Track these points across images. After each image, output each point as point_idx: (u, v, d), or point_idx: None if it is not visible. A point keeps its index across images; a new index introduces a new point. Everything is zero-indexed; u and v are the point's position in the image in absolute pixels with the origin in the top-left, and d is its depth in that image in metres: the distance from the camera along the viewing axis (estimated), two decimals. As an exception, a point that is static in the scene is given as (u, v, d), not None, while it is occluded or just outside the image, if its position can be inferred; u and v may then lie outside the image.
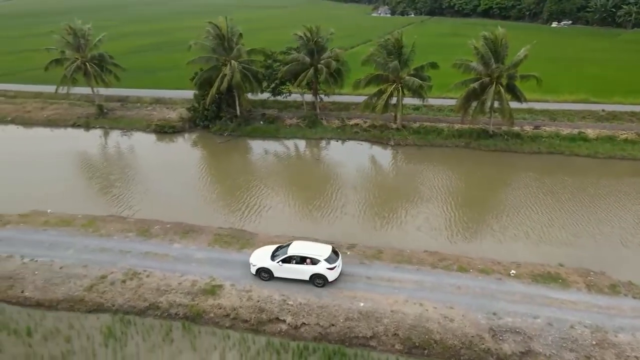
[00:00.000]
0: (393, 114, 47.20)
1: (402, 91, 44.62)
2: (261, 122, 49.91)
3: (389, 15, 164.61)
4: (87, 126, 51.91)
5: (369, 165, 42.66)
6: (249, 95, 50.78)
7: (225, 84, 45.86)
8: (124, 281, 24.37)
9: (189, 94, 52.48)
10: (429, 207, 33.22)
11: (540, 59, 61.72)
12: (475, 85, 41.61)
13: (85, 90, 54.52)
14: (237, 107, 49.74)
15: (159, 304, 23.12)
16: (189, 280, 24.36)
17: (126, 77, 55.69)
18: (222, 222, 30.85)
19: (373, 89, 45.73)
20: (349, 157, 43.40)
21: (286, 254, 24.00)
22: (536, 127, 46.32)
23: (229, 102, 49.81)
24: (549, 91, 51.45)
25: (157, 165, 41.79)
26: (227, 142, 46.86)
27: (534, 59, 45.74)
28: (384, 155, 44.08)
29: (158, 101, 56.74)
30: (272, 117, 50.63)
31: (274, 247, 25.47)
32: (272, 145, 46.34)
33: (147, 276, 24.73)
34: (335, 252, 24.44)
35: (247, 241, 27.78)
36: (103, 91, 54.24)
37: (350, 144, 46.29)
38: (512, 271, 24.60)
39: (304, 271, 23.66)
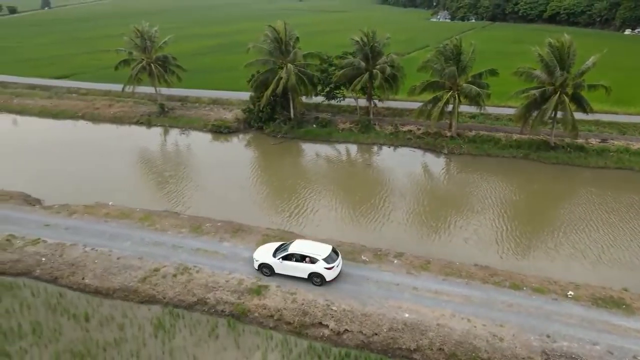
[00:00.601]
0: (448, 121, 46.10)
1: (459, 99, 43.47)
2: (314, 126, 50.26)
3: (448, 21, 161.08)
4: (149, 124, 54.41)
5: (421, 172, 41.85)
6: (304, 99, 51.32)
7: (280, 87, 46.62)
8: (175, 275, 25.25)
9: (245, 95, 53.80)
10: (479, 219, 32.12)
11: (611, 68, 58.15)
12: (537, 93, 39.80)
13: (149, 89, 57.27)
14: (291, 110, 50.39)
15: (207, 299, 23.75)
16: (236, 278, 24.86)
17: (187, 77, 57.91)
18: (271, 222, 31.30)
19: (428, 96, 44.84)
20: (401, 163, 42.78)
21: (287, 251, 24.62)
22: (603, 141, 43.65)
23: (283, 105, 50.57)
24: (619, 103, 48.40)
25: (211, 164, 43.08)
26: (280, 144, 47.55)
27: (603, 68, 43.24)
28: (436, 164, 43.10)
29: (215, 102, 58.53)
30: (325, 120, 50.86)
31: (277, 244, 26.10)
32: (324, 149, 46.52)
33: (197, 272, 25.49)
34: (335, 252, 24.88)
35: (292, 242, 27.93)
36: (165, 91, 56.63)
37: (403, 150, 45.63)
38: (570, 292, 23.23)
39: (303, 269, 24.25)
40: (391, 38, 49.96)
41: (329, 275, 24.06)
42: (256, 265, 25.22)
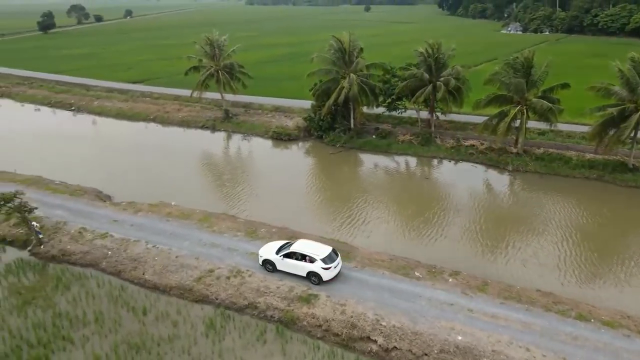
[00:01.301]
0: (514, 137, 44.07)
1: (527, 114, 41.46)
2: (374, 136, 49.89)
3: (520, 33, 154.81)
4: (214, 128, 56.44)
5: (481, 189, 40.22)
6: (365, 109, 51.17)
7: (342, 96, 46.78)
8: (228, 277, 25.81)
9: (307, 104, 54.49)
10: (541, 241, 30.30)
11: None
12: (615, 111, 37.10)
13: (215, 95, 59.46)
14: (352, 120, 50.38)
15: (257, 304, 24.04)
16: (287, 285, 24.99)
17: (252, 85, 59.57)
18: (325, 231, 31.26)
19: (494, 110, 43.15)
20: (461, 178, 41.37)
21: (289, 250, 25.66)
22: (690, 165, 39.90)
23: (344, 114, 50.68)
24: None
25: (270, 170, 43.88)
26: (338, 153, 47.61)
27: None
28: (499, 181, 41.26)
29: (278, 109, 59.71)
30: (385, 131, 50.36)
31: (282, 242, 27.27)
32: (383, 160, 46.01)
33: (250, 276, 25.91)
34: (335, 253, 25.61)
35: (347, 254, 27.73)
36: (230, 97, 58.55)
37: (464, 165, 44.14)
38: (644, 329, 21.26)
39: (302, 267, 25.19)
40: (458, 50, 48.75)
41: (325, 275, 24.81)
42: (260, 261, 26.34)
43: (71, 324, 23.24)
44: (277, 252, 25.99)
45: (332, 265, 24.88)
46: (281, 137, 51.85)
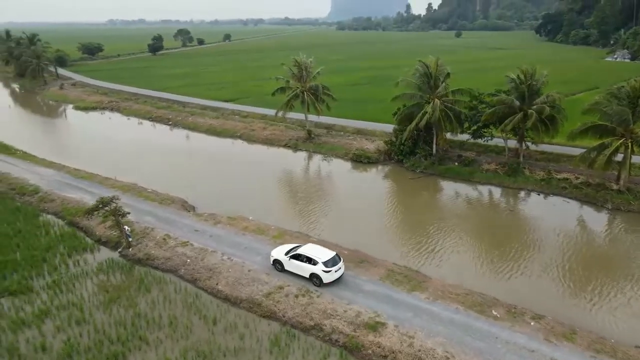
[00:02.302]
0: (616, 172, 40.17)
1: (632, 148, 37.66)
2: (456, 164, 48.12)
3: (627, 61, 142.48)
4: (295, 148, 57.85)
5: (573, 226, 36.82)
6: (448, 135, 49.68)
7: (424, 121, 45.81)
8: (297, 296, 25.86)
9: (390, 127, 54.10)
10: (635, 289, 26.92)
11: None
12: None
13: (299, 115, 61.17)
14: (434, 146, 49.08)
15: (323, 326, 23.76)
16: (354, 310, 24.48)
17: (336, 106, 60.47)
18: (398, 258, 30.42)
19: (593, 142, 39.74)
20: (550, 213, 38.31)
21: (296, 252, 27.57)
22: None
23: (426, 140, 49.55)
24: None
25: (348, 192, 43.85)
26: (418, 178, 46.48)
27: None
28: (594, 219, 37.61)
29: (360, 132, 59.90)
30: (468, 159, 48.37)
31: (292, 245, 29.18)
32: (464, 189, 44.10)
33: (318, 296, 25.76)
34: (338, 258, 27.21)
35: (419, 284, 26.68)
36: (314, 118, 59.81)
37: (555, 200, 40.91)
38: None
39: (306, 269, 26.86)
40: (555, 78, 46.10)
41: (326, 278, 26.36)
42: (271, 261, 28.56)
43: (148, 325, 24.52)
44: (286, 254, 27.90)
45: (333, 269, 26.43)
46: (361, 160, 51.78)
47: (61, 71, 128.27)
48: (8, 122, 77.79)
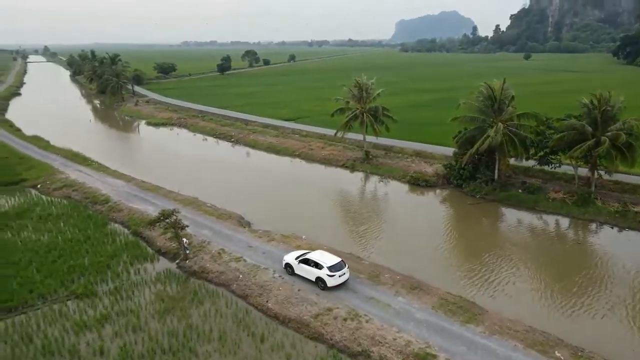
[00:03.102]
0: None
1: None
2: (519, 191, 45.86)
3: None
4: (353, 168, 57.76)
5: (653, 266, 33.71)
6: (511, 160, 47.60)
7: (486, 146, 44.23)
8: (345, 319, 25.43)
9: (449, 151, 52.77)
10: None
11: None
12: None
13: (358, 136, 61.23)
14: (496, 171, 47.15)
15: (371, 353, 23.12)
16: (404, 338, 23.66)
17: (395, 128, 59.97)
18: (452, 286, 29.19)
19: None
20: (624, 248, 35.36)
21: (305, 257, 29.37)
22: None
23: (487, 165, 47.75)
24: None
25: (403, 215, 42.99)
26: (477, 204, 44.74)
27: None
28: (678, 258, 34.21)
29: (418, 154, 58.88)
30: (533, 186, 45.93)
31: (303, 251, 30.88)
32: (527, 217, 41.83)
33: (367, 321, 25.18)
34: (343, 263, 28.68)
35: (474, 316, 25.38)
36: (372, 139, 59.60)
37: (631, 234, 37.75)
38: None
39: (312, 273, 28.57)
40: (634, 103, 42.84)
41: (330, 282, 27.91)
42: (283, 264, 30.44)
43: (198, 337, 25.04)
44: (296, 259, 29.87)
45: (337, 273, 27.97)
46: (418, 183, 50.74)
47: (137, 89, 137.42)
48: (88, 135, 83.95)
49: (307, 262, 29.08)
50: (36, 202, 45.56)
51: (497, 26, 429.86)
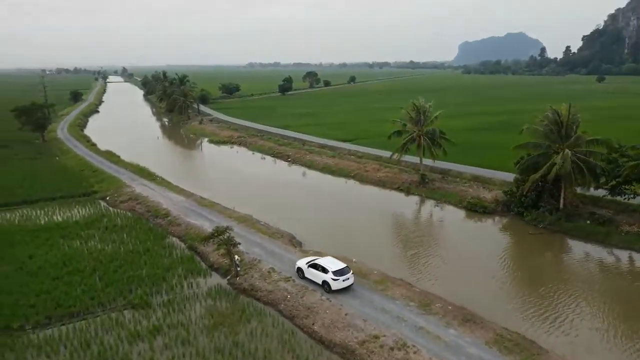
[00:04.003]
0: None
1: None
2: (588, 222, 42.86)
3: None
4: (408, 192, 56.71)
5: None
6: (578, 189, 44.75)
7: (552, 173, 41.95)
8: (392, 349, 24.61)
9: (510, 177, 50.55)
10: None
11: None
12: None
13: (414, 159, 60.21)
14: (561, 200, 44.49)
15: (417, 386, 22.17)
16: (453, 374, 22.51)
17: (453, 151, 58.48)
18: (509, 321, 27.54)
19: None
20: None
21: (314, 262, 31.57)
22: None
23: (552, 193, 45.14)
24: None
25: (458, 242, 41.45)
26: (539, 234, 42.28)
27: None
28: None
29: (477, 179, 56.84)
30: (604, 218, 42.77)
31: (313, 257, 33.19)
32: (596, 251, 38.93)
33: (415, 352, 24.23)
34: (347, 269, 30.77)
35: (533, 356, 23.71)
36: (429, 162, 58.37)
37: None
38: None
39: (319, 276, 30.76)
40: None
41: (334, 285, 29.94)
42: (295, 268, 32.72)
43: (244, 355, 25.17)
44: (306, 264, 32.00)
45: (341, 278, 29.97)
46: (476, 209, 48.84)
47: (202, 108, 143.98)
48: (154, 151, 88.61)
49: (315, 266, 31.29)
50: (104, 214, 48.42)
51: (568, 47, 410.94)
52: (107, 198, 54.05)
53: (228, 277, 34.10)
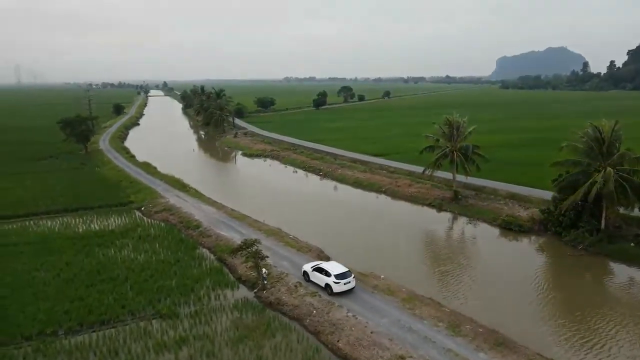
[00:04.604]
0: None
1: None
2: (632, 244, 40.68)
3: None
4: (440, 208, 55.58)
5: None
6: (621, 209, 42.66)
7: (592, 193, 40.19)
8: (418, 370, 23.88)
9: (548, 195, 48.73)
10: None
11: None
12: None
13: (447, 175, 59.08)
14: (602, 220, 42.49)
15: (444, 411, 21.34)
16: (482, 400, 21.56)
17: (488, 168, 57.09)
18: (544, 347, 26.32)
19: None
20: None
21: (318, 266, 33.38)
22: None
23: (592, 213, 43.19)
24: None
25: (491, 261, 40.19)
26: (579, 256, 40.42)
27: None
28: None
29: (513, 196, 55.13)
30: (649, 240, 40.56)
31: (318, 262, 35.02)
32: (641, 276, 36.87)
33: (442, 375, 23.42)
34: (349, 274, 32.28)
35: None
36: (462, 178, 57.13)
37: None
38: None
39: (322, 279, 32.39)
40: None
41: (335, 288, 31.55)
42: (302, 272, 34.37)
43: (267, 370, 24.98)
44: (312, 267, 33.76)
45: (342, 281, 31.62)
46: (511, 227, 47.29)
47: (238, 121, 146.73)
48: (190, 163, 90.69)
49: (320, 270, 32.94)
50: (138, 223, 49.65)
51: (612, 62, 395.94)
52: (142, 208, 55.46)
53: (255, 290, 34.13)
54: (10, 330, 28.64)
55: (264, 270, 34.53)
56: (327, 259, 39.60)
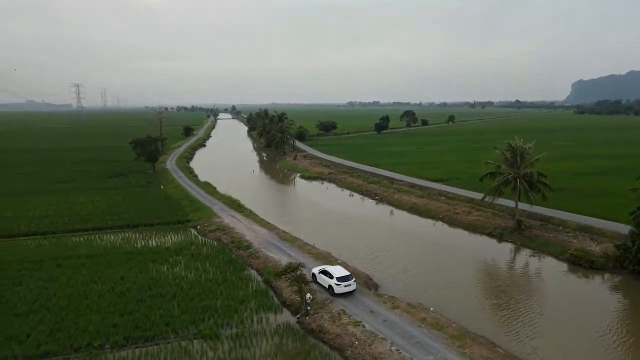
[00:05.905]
0: None
1: None
2: None
3: None
4: (500, 238, 52.18)
5: None
6: None
7: (675, 227, 35.90)
8: (464, 417, 21.76)
9: (624, 228, 44.26)
10: None
11: None
12: None
13: (509, 202, 55.61)
14: (690, 260, 37.73)
15: None
16: None
17: (556, 197, 53.14)
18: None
19: None
20: None
21: (324, 269, 36.25)
22: None
23: (677, 250, 38.55)
24: None
25: (558, 299, 36.69)
26: (661, 299, 35.98)
27: None
28: None
29: (584, 229, 50.64)
30: None
31: (325, 265, 37.76)
32: None
33: None
34: (350, 277, 34.97)
35: None
36: (526, 207, 53.50)
37: None
38: None
39: (326, 281, 35.32)
40: None
41: (336, 289, 34.32)
42: (311, 274, 37.01)
43: (302, 402, 23.87)
44: (319, 270, 36.66)
45: (343, 284, 34.39)
46: (580, 263, 43.26)
47: (299, 144, 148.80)
48: (248, 183, 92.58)
49: (325, 273, 35.86)
50: (193, 241, 50.78)
51: None
52: (198, 227, 56.80)
53: (298, 316, 33.29)
54: (62, 340, 29.70)
55: (308, 295, 33.66)
56: (375, 287, 38.20)
